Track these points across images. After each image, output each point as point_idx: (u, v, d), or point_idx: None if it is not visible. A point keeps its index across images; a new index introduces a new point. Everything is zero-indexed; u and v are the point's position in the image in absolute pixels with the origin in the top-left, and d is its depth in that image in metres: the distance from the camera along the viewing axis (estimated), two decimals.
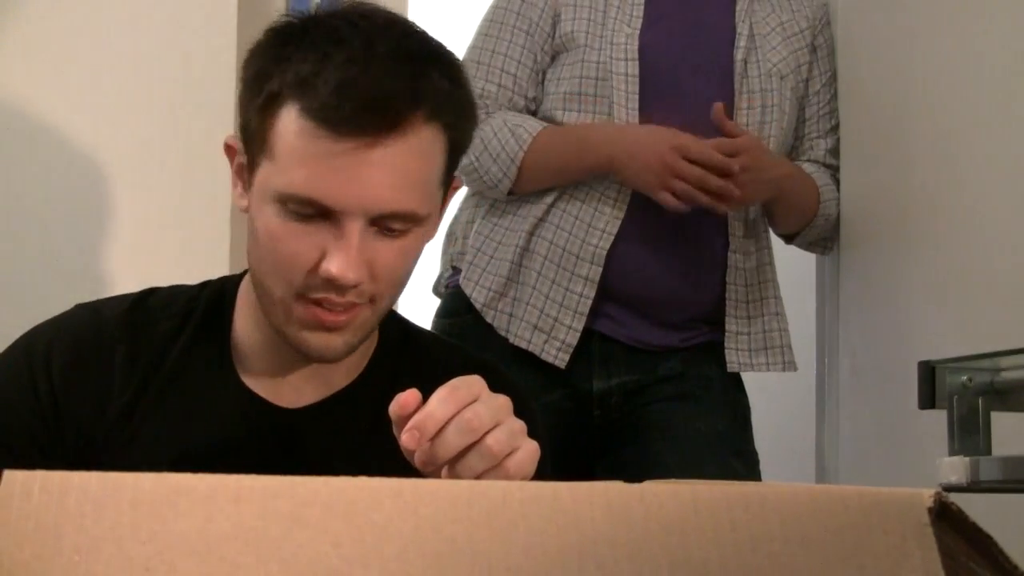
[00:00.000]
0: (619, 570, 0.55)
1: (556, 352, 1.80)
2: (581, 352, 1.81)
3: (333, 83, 0.98)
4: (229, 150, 1.11)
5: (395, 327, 1.22)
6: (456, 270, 1.91)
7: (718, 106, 1.77)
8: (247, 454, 1.10)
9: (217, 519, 0.54)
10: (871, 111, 1.96)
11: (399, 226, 1.03)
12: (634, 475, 0.94)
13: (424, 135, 1.02)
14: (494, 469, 0.87)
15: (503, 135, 1.81)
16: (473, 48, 1.90)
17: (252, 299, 1.12)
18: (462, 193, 1.98)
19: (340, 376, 1.15)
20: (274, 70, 1.02)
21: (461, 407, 0.86)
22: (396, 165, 1.00)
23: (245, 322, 1.14)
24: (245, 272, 1.17)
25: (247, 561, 0.53)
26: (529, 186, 1.83)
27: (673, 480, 0.69)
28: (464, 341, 1.85)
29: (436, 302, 1.95)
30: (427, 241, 1.10)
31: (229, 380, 1.13)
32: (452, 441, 0.86)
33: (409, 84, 1.01)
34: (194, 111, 2.01)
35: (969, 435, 1.22)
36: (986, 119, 1.71)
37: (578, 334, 1.79)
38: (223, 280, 1.19)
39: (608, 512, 0.57)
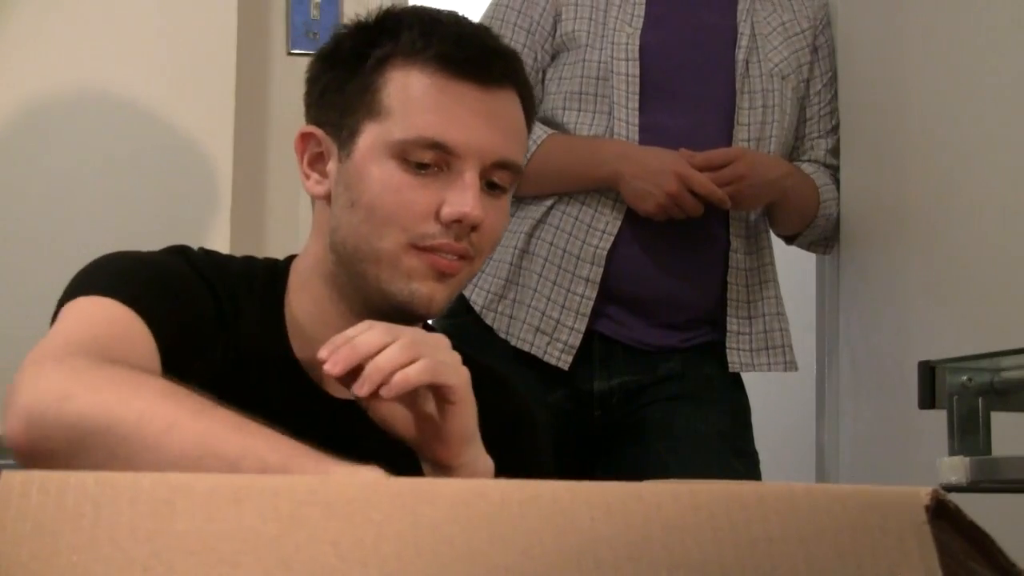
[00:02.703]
0: (619, 570, 0.55)
1: (559, 354, 1.80)
2: (582, 353, 1.81)
3: (452, 37, 1.06)
4: (304, 140, 1.13)
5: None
6: None
7: (697, 157, 1.77)
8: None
9: (216, 519, 0.54)
10: (871, 111, 1.96)
11: (504, 180, 1.08)
12: (634, 475, 0.94)
13: (517, 99, 1.10)
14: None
15: None
16: None
17: (312, 281, 1.12)
18: None
19: None
20: (380, 40, 1.08)
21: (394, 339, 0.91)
22: (509, 114, 1.09)
23: (302, 304, 1.13)
24: (288, 257, 1.17)
25: (246, 561, 0.53)
26: (530, 191, 1.83)
27: (673, 480, 0.69)
28: (464, 342, 1.84)
29: None
30: (510, 204, 1.15)
31: (289, 367, 1.11)
32: (370, 339, 0.90)
33: (504, 54, 1.11)
34: (194, 111, 2.01)
35: (969, 435, 1.21)
36: (986, 119, 1.71)
37: (580, 335, 1.79)
38: (266, 260, 1.18)
39: (608, 512, 0.57)
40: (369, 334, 0.91)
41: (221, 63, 2.03)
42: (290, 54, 2.28)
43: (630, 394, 1.85)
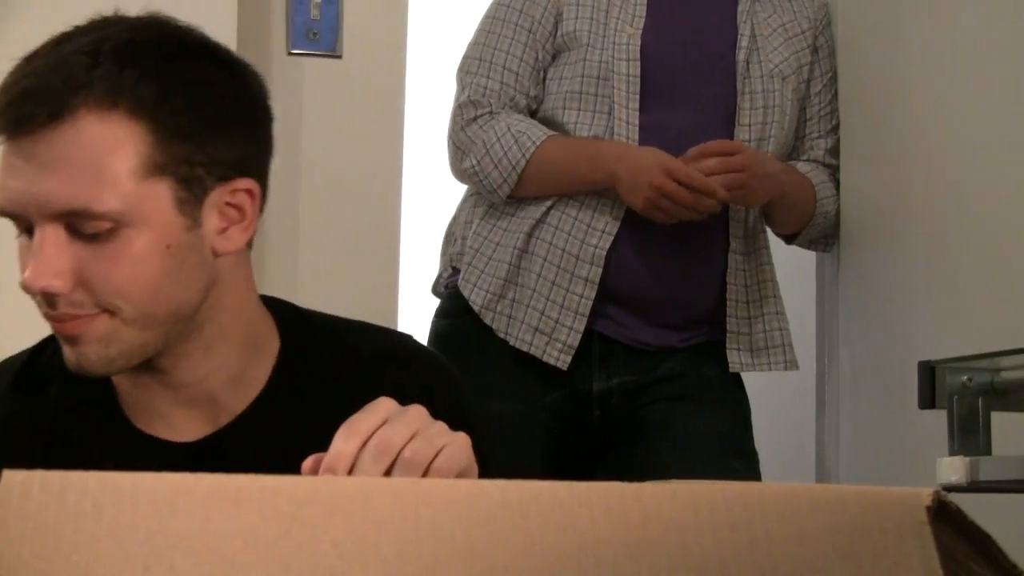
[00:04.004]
0: (619, 570, 0.55)
1: (558, 354, 1.80)
2: (581, 353, 1.81)
3: (2, 87, 0.96)
4: None
5: (299, 328, 1.13)
6: (455, 270, 1.91)
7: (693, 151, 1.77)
8: None
9: (216, 519, 0.54)
10: (871, 111, 1.96)
11: (91, 227, 0.96)
12: (634, 475, 0.94)
13: (94, 122, 0.95)
14: (424, 476, 0.85)
15: (506, 141, 1.81)
16: (475, 45, 1.90)
17: None
18: (461, 194, 1.98)
19: (235, 397, 1.08)
20: None
21: (367, 436, 0.84)
22: (63, 158, 0.94)
23: None
24: None
25: (246, 561, 0.53)
26: (529, 192, 1.83)
27: (673, 480, 0.69)
28: (463, 341, 1.85)
29: (436, 302, 1.95)
30: (166, 246, 0.99)
31: (122, 428, 1.08)
32: (370, 470, 0.83)
33: (77, 73, 0.95)
34: None
35: (969, 435, 1.22)
36: (986, 119, 1.71)
37: (579, 335, 1.79)
38: None
39: (607, 513, 0.57)
40: (335, 454, 0.84)
41: None
42: (290, 54, 2.28)
43: (629, 394, 1.85)
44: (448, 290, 1.92)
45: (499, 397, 1.74)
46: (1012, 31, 1.66)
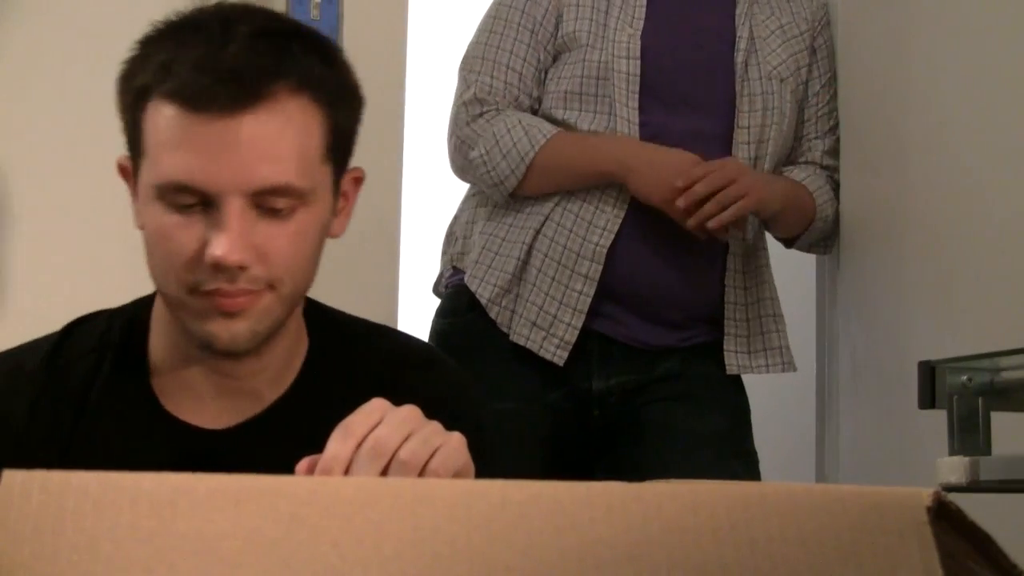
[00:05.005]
0: (619, 571, 0.55)
1: (555, 349, 1.80)
2: (580, 352, 1.81)
3: (191, 62, 0.97)
4: (123, 171, 1.07)
5: (325, 327, 1.16)
6: (456, 270, 1.91)
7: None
8: None
9: (216, 519, 0.54)
10: (871, 111, 1.96)
11: (281, 203, 0.99)
12: (633, 475, 0.94)
13: (292, 107, 1.00)
14: (420, 476, 0.86)
15: (516, 133, 1.81)
16: (476, 44, 1.90)
17: (164, 315, 1.09)
18: (461, 194, 1.98)
19: (269, 390, 1.10)
20: (137, 69, 1.01)
21: (361, 438, 0.84)
22: (264, 136, 0.98)
23: (160, 343, 1.10)
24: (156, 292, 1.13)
25: (246, 561, 0.53)
26: (534, 187, 1.83)
27: (672, 480, 0.69)
28: (464, 340, 1.85)
29: (436, 302, 1.95)
30: (323, 226, 1.05)
31: (152, 410, 1.09)
32: (365, 471, 0.84)
33: (270, 57, 0.99)
34: None
35: (969, 435, 1.21)
36: (986, 119, 1.71)
37: (577, 331, 1.79)
38: (135, 303, 1.14)
39: (607, 513, 0.57)
40: (330, 455, 0.85)
41: None
42: None
43: (628, 393, 1.85)
44: (449, 290, 1.92)
45: (499, 396, 1.74)
46: (1012, 32, 1.66)
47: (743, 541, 0.56)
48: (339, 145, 1.06)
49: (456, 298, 1.88)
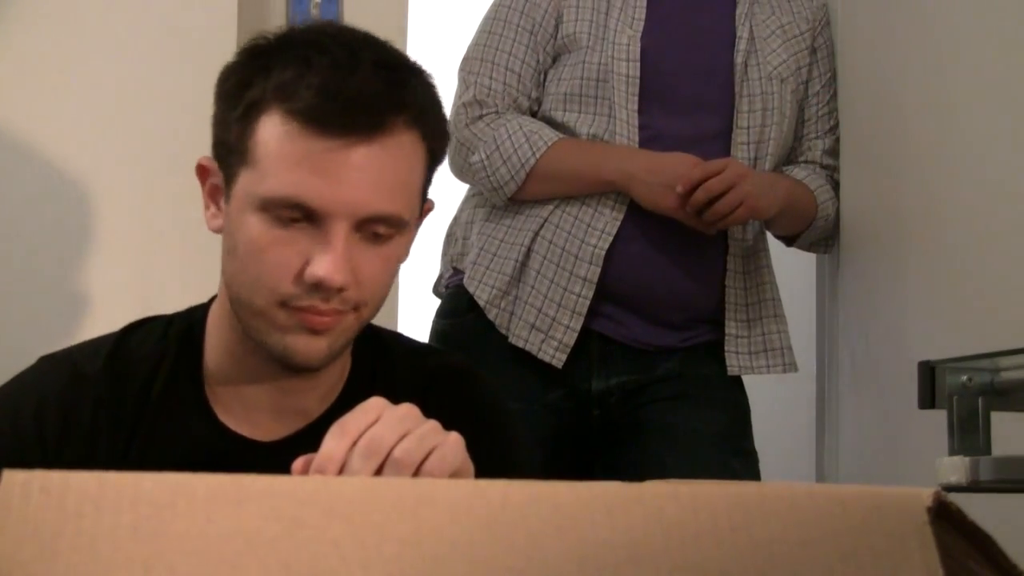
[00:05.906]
0: (619, 571, 0.55)
1: (553, 352, 1.80)
2: (580, 352, 1.81)
3: (317, 85, 0.99)
4: (202, 171, 1.09)
5: (367, 341, 1.17)
6: (456, 271, 1.91)
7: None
8: None
9: (217, 519, 0.54)
10: (871, 111, 1.96)
11: (383, 230, 1.03)
12: (633, 475, 0.94)
13: (406, 141, 1.03)
14: (415, 475, 0.86)
15: (518, 139, 1.81)
16: (476, 46, 1.90)
17: (223, 325, 1.10)
18: (461, 194, 1.98)
19: (316, 403, 1.12)
20: (255, 79, 1.03)
21: (356, 436, 0.85)
22: (381, 167, 1.01)
23: (215, 353, 1.12)
24: (212, 299, 1.14)
25: (247, 561, 0.53)
26: (534, 193, 1.83)
27: (673, 481, 0.69)
28: (464, 341, 1.85)
29: (436, 302, 1.95)
30: (406, 254, 1.10)
31: (206, 419, 1.10)
32: (359, 469, 0.84)
33: (393, 89, 1.02)
34: (195, 111, 2.01)
35: (969, 435, 1.21)
36: (986, 119, 1.71)
37: (575, 334, 1.79)
38: (191, 311, 1.16)
39: (608, 513, 0.57)
40: (325, 454, 0.86)
41: (221, 63, 2.03)
42: None
43: (628, 394, 1.85)
44: (449, 290, 1.92)
45: None
46: (1011, 33, 1.66)
47: (744, 542, 0.56)
48: (430, 180, 1.10)
49: (456, 299, 1.88)
